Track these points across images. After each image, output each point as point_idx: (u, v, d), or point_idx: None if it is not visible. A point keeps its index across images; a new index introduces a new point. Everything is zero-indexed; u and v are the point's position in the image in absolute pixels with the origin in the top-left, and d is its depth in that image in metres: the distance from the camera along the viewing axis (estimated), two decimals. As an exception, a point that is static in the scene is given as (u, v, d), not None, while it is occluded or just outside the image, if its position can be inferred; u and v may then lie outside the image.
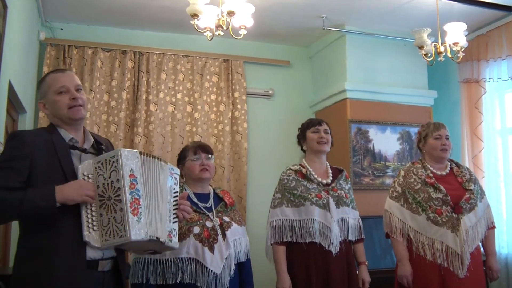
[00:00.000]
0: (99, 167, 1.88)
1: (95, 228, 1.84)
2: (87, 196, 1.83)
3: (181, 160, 2.66)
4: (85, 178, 1.88)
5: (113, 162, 1.85)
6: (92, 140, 2.06)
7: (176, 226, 2.07)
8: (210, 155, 2.64)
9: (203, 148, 2.65)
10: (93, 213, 1.85)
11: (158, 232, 1.93)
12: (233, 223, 2.58)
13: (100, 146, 2.06)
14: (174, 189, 2.11)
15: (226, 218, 2.57)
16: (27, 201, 1.76)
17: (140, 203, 1.86)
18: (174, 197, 2.10)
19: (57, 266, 1.78)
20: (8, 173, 1.82)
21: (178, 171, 2.20)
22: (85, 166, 1.90)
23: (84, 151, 1.98)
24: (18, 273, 1.83)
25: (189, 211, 2.20)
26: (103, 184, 1.86)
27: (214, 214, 2.55)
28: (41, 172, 1.85)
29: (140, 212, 1.85)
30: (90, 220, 1.84)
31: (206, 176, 2.60)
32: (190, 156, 2.61)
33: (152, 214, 1.92)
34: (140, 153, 1.95)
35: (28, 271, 1.80)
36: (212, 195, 2.65)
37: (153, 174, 1.99)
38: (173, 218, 2.06)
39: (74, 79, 2.03)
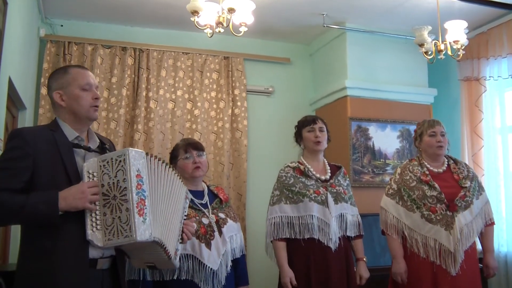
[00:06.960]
0: (104, 165, 1.85)
1: (98, 227, 1.82)
2: (90, 203, 1.81)
3: (173, 159, 2.64)
4: (90, 176, 1.86)
5: (120, 161, 1.82)
6: (98, 140, 2.05)
7: (180, 247, 2.08)
8: (201, 152, 2.62)
9: (194, 146, 2.62)
10: (97, 212, 1.83)
11: (165, 240, 1.92)
12: (228, 219, 2.59)
13: (104, 146, 2.06)
14: (185, 212, 2.15)
15: (221, 215, 2.58)
16: (29, 206, 1.74)
17: (146, 203, 1.84)
18: (184, 219, 2.13)
19: (61, 265, 1.78)
20: (9, 174, 1.79)
21: (190, 196, 2.25)
22: (90, 164, 1.88)
23: (89, 149, 1.96)
24: (22, 271, 1.83)
25: (192, 232, 2.22)
26: (108, 183, 1.83)
27: (210, 210, 2.55)
28: (44, 171, 1.83)
29: (146, 213, 1.83)
30: (94, 219, 1.82)
31: (199, 174, 2.59)
32: (181, 155, 2.59)
33: (157, 217, 1.91)
34: (147, 154, 1.94)
35: (32, 270, 1.79)
36: (206, 191, 2.64)
37: (159, 177, 1.98)
38: (180, 239, 2.09)
39: (95, 80, 2.06)
